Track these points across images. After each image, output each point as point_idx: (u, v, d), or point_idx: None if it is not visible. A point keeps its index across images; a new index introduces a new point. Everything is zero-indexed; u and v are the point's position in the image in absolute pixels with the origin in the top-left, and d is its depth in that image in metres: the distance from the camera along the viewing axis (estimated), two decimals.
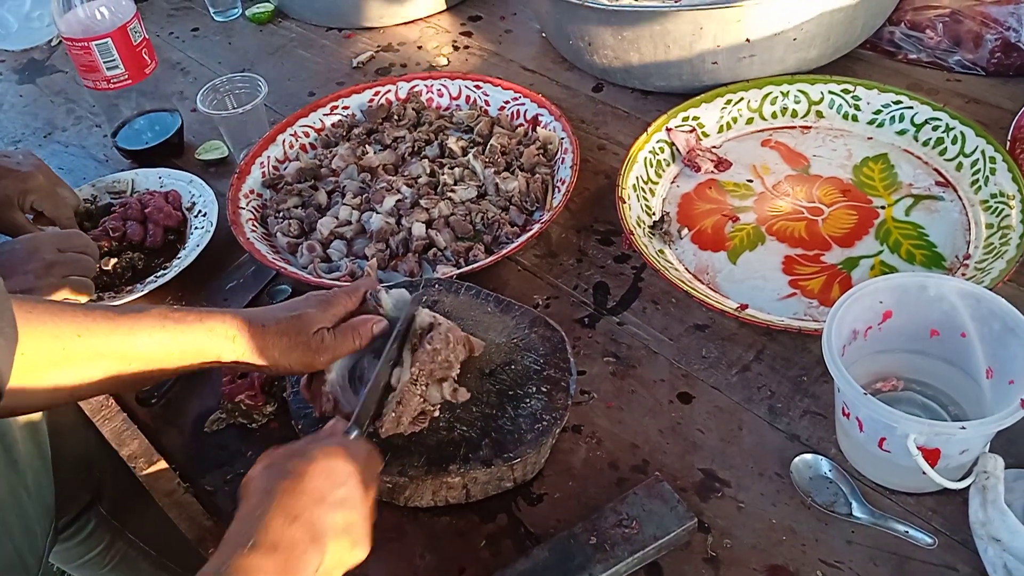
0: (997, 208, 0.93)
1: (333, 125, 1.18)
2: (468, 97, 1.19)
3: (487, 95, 1.18)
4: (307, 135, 1.17)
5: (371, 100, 1.21)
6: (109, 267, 1.01)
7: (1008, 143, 0.98)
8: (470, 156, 1.09)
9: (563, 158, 1.06)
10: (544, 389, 0.77)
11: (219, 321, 0.67)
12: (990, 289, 0.73)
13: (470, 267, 0.94)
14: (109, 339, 0.62)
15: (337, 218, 1.03)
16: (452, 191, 1.04)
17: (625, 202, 0.97)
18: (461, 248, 0.98)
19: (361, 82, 1.24)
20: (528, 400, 0.76)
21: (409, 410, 0.72)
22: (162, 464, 0.87)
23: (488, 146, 1.10)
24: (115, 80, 1.13)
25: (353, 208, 1.04)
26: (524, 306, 0.85)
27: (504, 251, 0.94)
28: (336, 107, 1.19)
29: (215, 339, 0.67)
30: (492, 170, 1.06)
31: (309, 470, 0.58)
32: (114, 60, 1.11)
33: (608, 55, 1.16)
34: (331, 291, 0.75)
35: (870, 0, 1.08)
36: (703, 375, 0.84)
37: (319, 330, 0.71)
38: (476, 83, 1.19)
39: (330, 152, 1.14)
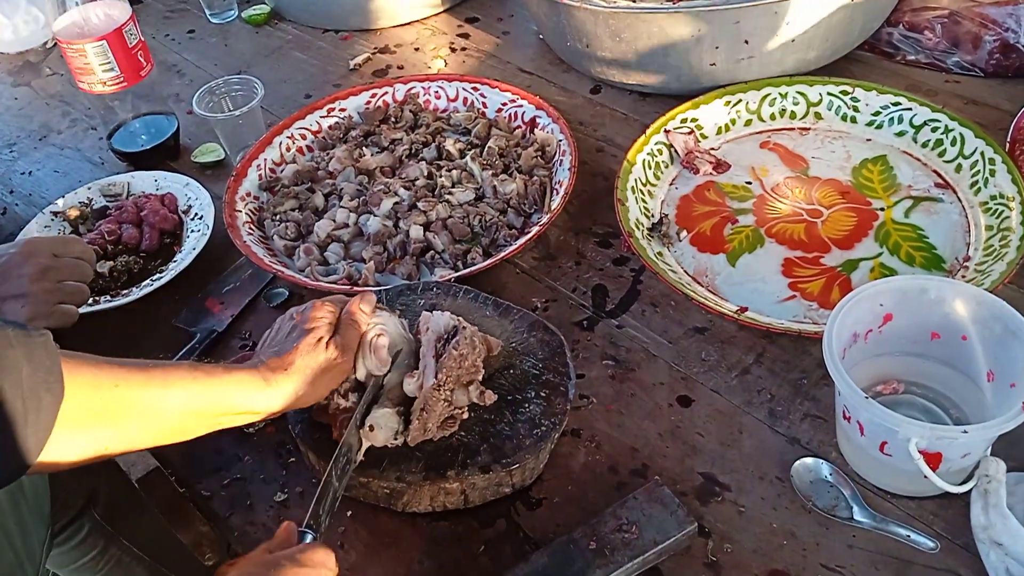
0: (997, 210, 0.92)
1: (330, 127, 1.18)
2: (466, 99, 1.19)
3: (485, 97, 1.17)
4: (304, 137, 1.16)
5: (368, 102, 1.20)
6: (105, 270, 1.01)
7: (1007, 144, 0.98)
8: (468, 158, 1.08)
9: (561, 160, 1.05)
10: (543, 394, 0.77)
11: (247, 372, 0.68)
12: (990, 291, 0.73)
13: (468, 270, 0.93)
14: (144, 391, 0.62)
15: (334, 221, 1.03)
16: (450, 193, 1.04)
17: (623, 204, 0.96)
18: (459, 251, 0.97)
19: (358, 84, 1.23)
20: (527, 405, 0.76)
21: (435, 416, 0.72)
22: (158, 469, 0.87)
23: (486, 148, 1.09)
24: (111, 83, 1.13)
25: (350, 211, 1.04)
26: (523, 309, 0.85)
27: (502, 254, 0.94)
28: (333, 109, 1.19)
29: (245, 390, 0.67)
30: (490, 172, 1.05)
31: None
32: (109, 63, 1.11)
33: (606, 57, 1.15)
34: (303, 313, 0.74)
35: (868, 1, 1.08)
36: (703, 378, 0.84)
37: (324, 341, 0.71)
38: (474, 85, 1.18)
39: (327, 155, 1.14)
